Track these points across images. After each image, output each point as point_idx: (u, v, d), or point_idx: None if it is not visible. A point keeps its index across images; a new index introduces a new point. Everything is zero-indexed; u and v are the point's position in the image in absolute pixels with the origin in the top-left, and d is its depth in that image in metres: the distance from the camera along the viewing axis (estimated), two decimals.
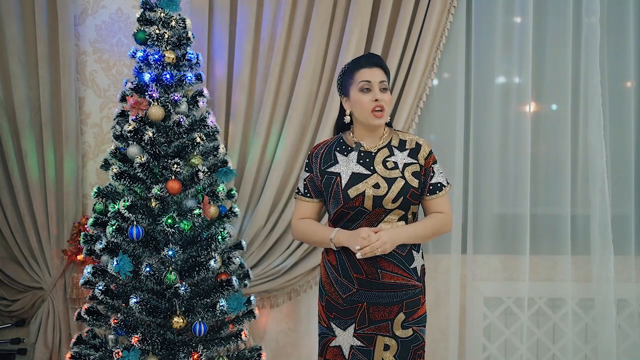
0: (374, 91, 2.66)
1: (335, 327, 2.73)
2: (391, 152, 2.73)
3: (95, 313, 3.28)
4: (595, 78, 3.79)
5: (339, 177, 2.69)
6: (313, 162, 2.77)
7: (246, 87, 3.73)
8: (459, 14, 3.81)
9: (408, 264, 2.69)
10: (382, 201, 2.64)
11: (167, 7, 3.26)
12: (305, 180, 2.79)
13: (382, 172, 2.68)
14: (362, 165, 2.70)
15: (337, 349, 2.73)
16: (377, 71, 2.69)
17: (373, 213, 2.65)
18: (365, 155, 2.72)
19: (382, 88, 2.68)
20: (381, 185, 2.65)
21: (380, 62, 2.74)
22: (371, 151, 2.72)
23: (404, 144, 2.75)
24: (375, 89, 2.67)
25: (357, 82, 2.68)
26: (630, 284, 3.89)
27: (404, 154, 2.73)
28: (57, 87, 3.71)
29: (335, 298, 2.73)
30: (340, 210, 2.68)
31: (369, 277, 2.67)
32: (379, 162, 2.70)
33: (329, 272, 2.75)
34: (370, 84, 2.67)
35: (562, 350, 3.90)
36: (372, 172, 2.68)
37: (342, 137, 2.80)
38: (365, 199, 2.64)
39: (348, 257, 2.69)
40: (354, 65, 2.73)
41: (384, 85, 2.69)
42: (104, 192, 3.28)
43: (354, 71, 2.71)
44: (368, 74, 2.68)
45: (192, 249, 3.22)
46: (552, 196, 3.89)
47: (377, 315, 2.69)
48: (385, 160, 2.71)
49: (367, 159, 2.71)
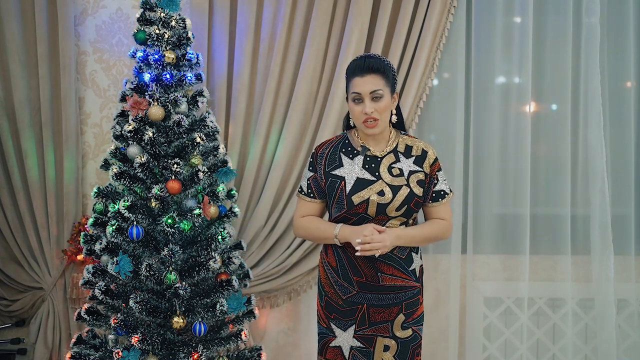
0: (364, 102, 2.60)
1: (335, 327, 2.73)
2: (397, 158, 2.70)
3: (95, 313, 3.28)
4: (595, 78, 3.79)
5: (344, 181, 2.66)
6: (318, 162, 2.73)
7: (246, 87, 3.73)
8: (459, 14, 3.81)
9: (407, 266, 2.69)
10: (386, 209, 2.63)
11: (167, 7, 3.26)
12: (309, 179, 2.75)
13: (387, 178, 2.66)
14: (367, 170, 2.67)
15: (337, 349, 2.73)
16: (369, 79, 2.59)
17: (376, 220, 2.65)
18: (371, 160, 2.69)
19: (374, 97, 2.59)
20: (386, 192, 2.63)
21: (373, 65, 2.61)
22: (377, 156, 2.69)
23: (410, 150, 2.72)
24: (366, 100, 2.59)
25: (350, 91, 2.64)
26: (630, 284, 3.89)
27: (409, 161, 2.70)
28: (57, 87, 3.71)
29: (335, 299, 2.72)
30: (343, 215, 2.67)
31: (369, 280, 2.66)
32: (385, 168, 2.67)
33: (328, 274, 2.74)
34: (360, 95, 2.60)
35: (562, 350, 3.90)
36: (377, 178, 2.65)
37: (348, 137, 2.75)
38: (369, 205, 2.62)
39: (348, 260, 2.68)
40: (350, 72, 2.66)
41: (377, 94, 2.59)
42: (104, 192, 3.29)
43: (350, 78, 2.65)
44: (359, 85, 2.60)
45: (192, 249, 3.22)
46: (552, 196, 3.89)
47: (377, 317, 2.69)
48: (391, 167, 2.68)
49: (373, 164, 2.68)
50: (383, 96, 2.61)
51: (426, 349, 3.96)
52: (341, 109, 3.67)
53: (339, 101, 3.68)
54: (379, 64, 2.63)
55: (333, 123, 3.68)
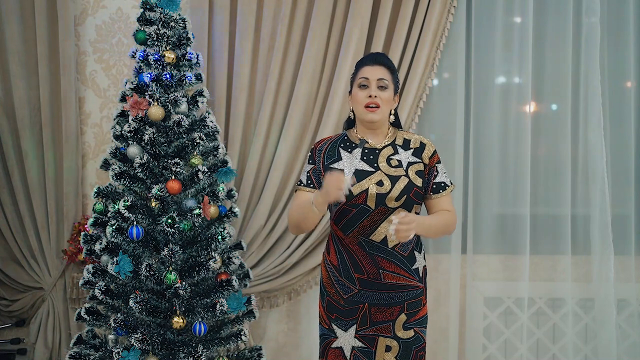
0: (370, 87, 2.67)
1: (337, 328, 2.72)
2: (395, 150, 2.72)
3: (95, 313, 3.28)
4: (595, 78, 3.79)
5: (342, 173, 2.68)
6: (317, 156, 2.75)
7: (246, 87, 3.73)
8: (459, 14, 3.81)
9: (410, 265, 2.69)
10: (386, 199, 2.63)
11: (167, 7, 3.26)
12: (308, 172, 2.75)
13: (385, 169, 2.67)
14: (365, 162, 2.69)
15: (338, 350, 2.72)
16: (378, 69, 2.69)
17: (376, 212, 2.65)
18: (369, 152, 2.71)
19: (380, 85, 2.67)
20: (385, 182, 2.65)
21: (384, 60, 2.74)
22: (376, 148, 2.72)
23: (408, 143, 2.75)
24: (372, 85, 2.67)
25: (357, 78, 2.71)
26: (630, 284, 3.89)
27: (408, 153, 2.72)
28: (57, 87, 3.71)
29: (336, 299, 2.72)
30: (343, 207, 2.67)
31: (371, 277, 2.66)
32: (383, 160, 2.69)
33: (330, 273, 2.74)
34: (368, 80, 2.67)
35: (562, 350, 3.90)
36: (376, 169, 2.67)
37: (347, 135, 2.79)
38: (369, 196, 2.63)
39: (350, 257, 2.68)
40: (359, 63, 2.76)
41: (382, 83, 2.67)
42: (104, 192, 3.29)
43: (358, 69, 2.74)
44: (368, 71, 2.69)
45: (192, 249, 3.22)
46: (552, 196, 3.89)
47: (378, 316, 2.69)
48: (390, 158, 2.70)
49: (372, 156, 2.70)
50: (388, 88, 2.69)
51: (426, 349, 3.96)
52: (341, 109, 3.67)
53: (339, 101, 3.69)
54: (389, 62, 2.76)
55: (333, 123, 3.68)
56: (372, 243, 2.64)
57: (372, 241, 2.64)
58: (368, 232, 2.64)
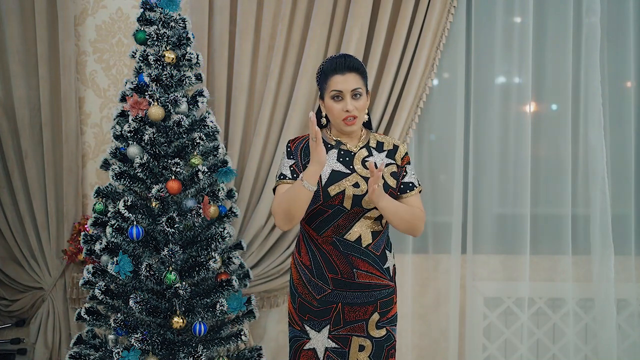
0: (345, 100, 2.63)
1: (309, 329, 2.72)
2: (370, 152, 2.73)
3: (95, 313, 3.28)
4: (595, 78, 3.79)
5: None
6: (294, 153, 2.73)
7: (246, 87, 3.73)
8: (459, 14, 3.81)
9: (382, 264, 2.70)
10: (361, 200, 2.64)
11: (167, 7, 3.27)
12: (292, 166, 2.71)
13: (361, 171, 2.68)
14: (342, 163, 2.69)
15: (311, 351, 2.71)
16: (350, 77, 2.63)
17: (351, 212, 2.65)
18: (345, 154, 2.71)
19: (354, 94, 2.63)
20: (360, 184, 2.65)
21: (354, 64, 2.66)
22: (351, 150, 2.72)
23: (381, 145, 2.77)
24: (347, 97, 2.62)
25: (329, 89, 2.65)
26: (630, 284, 3.89)
27: (382, 155, 2.74)
28: (57, 87, 3.71)
29: (309, 300, 2.71)
30: (319, 207, 2.67)
31: (345, 277, 2.66)
32: (358, 162, 2.70)
33: (301, 274, 2.73)
34: (342, 93, 2.63)
35: (562, 350, 3.90)
36: (352, 171, 2.68)
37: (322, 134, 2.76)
38: (345, 198, 2.64)
39: (323, 257, 2.67)
40: (329, 70, 2.67)
41: (357, 92, 2.63)
42: (104, 192, 3.29)
43: (328, 76, 2.66)
44: (340, 83, 2.63)
45: (192, 249, 3.22)
46: (553, 196, 3.89)
47: (351, 316, 2.69)
48: (365, 161, 2.71)
49: (347, 158, 2.71)
50: (362, 95, 2.66)
51: (426, 349, 3.97)
52: None
53: None
54: (358, 64, 2.69)
55: None
56: (346, 242, 2.65)
57: (346, 240, 2.65)
58: (343, 231, 2.65)
